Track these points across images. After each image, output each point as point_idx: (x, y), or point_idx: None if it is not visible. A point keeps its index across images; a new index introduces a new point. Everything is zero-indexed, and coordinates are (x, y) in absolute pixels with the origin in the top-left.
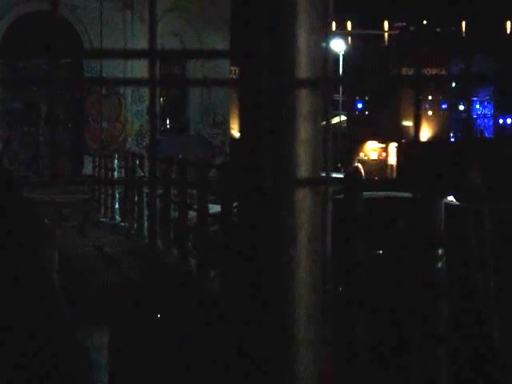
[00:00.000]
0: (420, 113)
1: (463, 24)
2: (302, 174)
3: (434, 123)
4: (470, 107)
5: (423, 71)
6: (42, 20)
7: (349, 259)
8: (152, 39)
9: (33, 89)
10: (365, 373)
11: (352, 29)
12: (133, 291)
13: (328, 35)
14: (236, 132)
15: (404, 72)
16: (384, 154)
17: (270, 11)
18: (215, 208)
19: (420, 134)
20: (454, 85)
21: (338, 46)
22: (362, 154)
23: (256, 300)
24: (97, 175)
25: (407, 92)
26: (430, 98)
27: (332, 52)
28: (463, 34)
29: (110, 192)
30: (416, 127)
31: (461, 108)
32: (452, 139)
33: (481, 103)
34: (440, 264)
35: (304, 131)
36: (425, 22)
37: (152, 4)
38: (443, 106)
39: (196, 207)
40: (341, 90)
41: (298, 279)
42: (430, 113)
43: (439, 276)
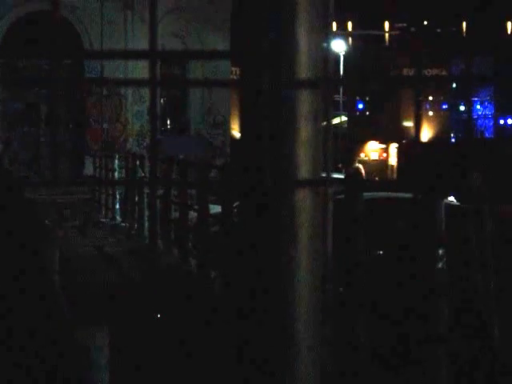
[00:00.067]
0: (420, 113)
1: (464, 24)
2: (303, 175)
3: (435, 124)
4: (471, 108)
5: (424, 72)
6: (43, 20)
7: (349, 259)
8: (152, 40)
9: (33, 89)
10: (365, 373)
11: (353, 29)
12: (133, 291)
13: (328, 36)
14: (237, 132)
15: (405, 73)
16: (384, 155)
17: (270, 12)
18: (216, 208)
19: (421, 135)
20: (455, 85)
21: (339, 47)
22: (363, 155)
23: (256, 300)
24: (97, 176)
25: (408, 92)
26: (431, 99)
27: (332, 52)
28: (463, 35)
29: (111, 192)
30: (416, 128)
31: (461, 108)
32: (453, 140)
33: (481, 103)
34: (440, 264)
35: (304, 132)
36: (425, 23)
37: (152, 4)
38: (444, 107)
39: (196, 207)
40: (341, 91)
41: (299, 279)
42: (431, 113)
43: (440, 276)
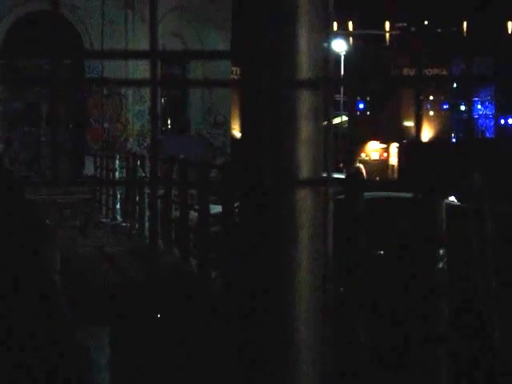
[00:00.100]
0: (421, 113)
1: (464, 24)
2: (303, 175)
3: (436, 123)
4: (471, 107)
5: (424, 71)
6: (43, 20)
7: (350, 259)
8: (153, 40)
9: (34, 89)
10: (365, 373)
11: (353, 29)
12: (134, 291)
13: (329, 35)
14: (237, 132)
15: (405, 72)
16: (385, 155)
17: (270, 11)
18: (216, 208)
19: (421, 135)
20: (456, 85)
21: (340, 47)
22: (364, 155)
23: (256, 300)
24: (98, 176)
25: (408, 92)
26: (432, 99)
27: (333, 52)
28: (464, 35)
29: (112, 192)
30: (417, 127)
31: (462, 108)
32: (453, 139)
33: (482, 103)
34: (441, 264)
35: (305, 131)
36: (426, 23)
37: (153, 4)
38: (444, 107)
39: (197, 207)
40: (342, 91)
41: (299, 279)
42: (432, 113)
43: (440, 276)
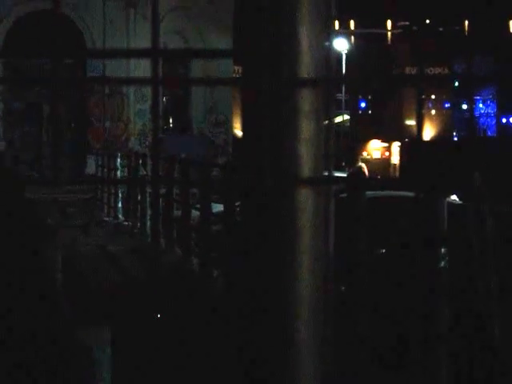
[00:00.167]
0: (423, 112)
1: (466, 23)
2: (304, 174)
3: (437, 122)
4: (473, 106)
5: (426, 70)
6: (44, 19)
7: (351, 258)
8: (155, 38)
9: (34, 89)
10: (365, 373)
11: (355, 28)
12: (135, 290)
13: (330, 34)
14: (239, 131)
15: (407, 71)
16: (387, 153)
17: (271, 9)
18: (218, 207)
19: (423, 134)
20: (457, 84)
21: (341, 45)
22: (365, 153)
23: (257, 299)
24: (100, 174)
25: (410, 91)
26: (433, 97)
27: (335, 51)
28: (466, 33)
29: (113, 191)
30: (418, 126)
31: (464, 107)
32: (455, 138)
33: (484, 102)
34: (443, 263)
35: (306, 130)
36: (427, 22)
37: (154, 2)
38: (446, 105)
39: (199, 206)
40: (343, 89)
41: (300, 279)
42: (433, 112)
43: (442, 275)
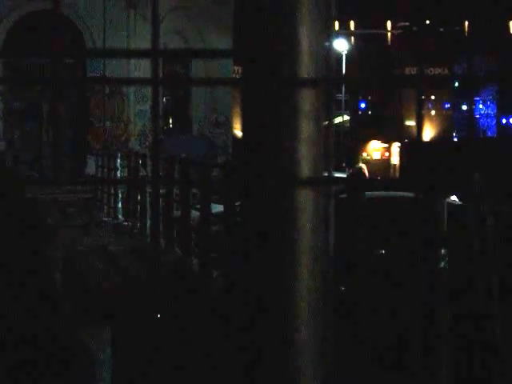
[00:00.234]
0: (423, 112)
1: (466, 24)
2: (304, 174)
3: (437, 123)
4: (473, 107)
5: (426, 71)
6: (44, 19)
7: (351, 259)
8: (155, 38)
9: (35, 88)
10: (365, 372)
11: (355, 28)
12: (135, 290)
13: (331, 34)
14: (239, 131)
15: (407, 72)
16: (387, 154)
17: (271, 9)
18: (218, 207)
19: (423, 134)
20: (457, 84)
21: (341, 46)
22: (365, 154)
23: (257, 299)
24: (100, 175)
25: (410, 91)
26: (433, 98)
27: (335, 51)
28: (466, 34)
29: (113, 191)
30: (418, 127)
31: (464, 108)
32: (455, 139)
33: (484, 103)
34: (443, 264)
35: (306, 130)
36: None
37: (154, 3)
38: (446, 106)
39: (199, 207)
40: (343, 90)
41: (300, 279)
42: (433, 112)
43: (442, 276)
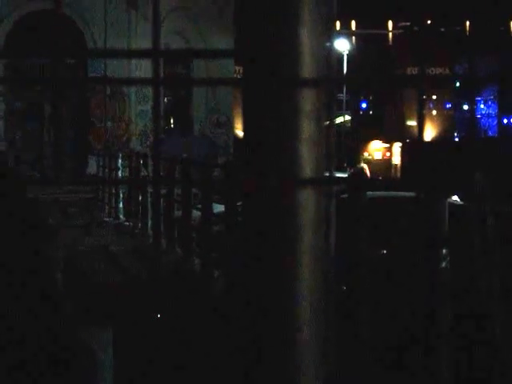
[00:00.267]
0: (424, 112)
1: (467, 24)
2: (305, 174)
3: (438, 123)
4: (474, 107)
5: (427, 71)
6: (45, 19)
7: (352, 259)
8: (156, 39)
9: (35, 89)
10: (366, 372)
11: (356, 28)
12: (137, 290)
13: (332, 34)
14: (240, 132)
15: (409, 72)
16: (388, 154)
17: (272, 9)
18: (219, 207)
19: (424, 134)
20: (458, 84)
21: (342, 46)
22: (366, 154)
23: (258, 300)
24: (101, 175)
25: (411, 91)
26: (435, 98)
27: (336, 51)
28: (467, 34)
29: (114, 191)
30: (419, 127)
31: (465, 107)
32: (456, 139)
33: (485, 103)
34: (444, 264)
35: (307, 131)
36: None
37: (155, 3)
38: (447, 106)
39: (200, 207)
40: (344, 90)
41: (301, 279)
42: (435, 112)
43: (443, 276)
